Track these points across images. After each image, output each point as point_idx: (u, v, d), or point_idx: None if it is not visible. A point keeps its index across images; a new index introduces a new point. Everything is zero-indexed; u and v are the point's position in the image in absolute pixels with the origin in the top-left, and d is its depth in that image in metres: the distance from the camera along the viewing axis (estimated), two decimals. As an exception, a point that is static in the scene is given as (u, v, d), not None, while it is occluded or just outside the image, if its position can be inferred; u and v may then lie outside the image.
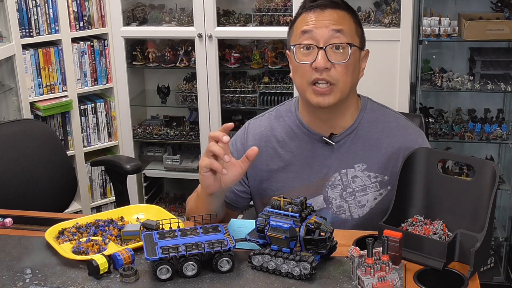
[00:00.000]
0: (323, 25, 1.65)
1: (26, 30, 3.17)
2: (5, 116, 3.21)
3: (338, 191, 1.75)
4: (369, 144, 1.75)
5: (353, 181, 1.74)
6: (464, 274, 1.41)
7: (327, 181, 1.76)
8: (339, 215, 1.76)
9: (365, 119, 1.77)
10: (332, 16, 1.67)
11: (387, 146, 1.74)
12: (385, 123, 1.77)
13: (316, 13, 1.67)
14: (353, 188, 1.74)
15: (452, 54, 3.37)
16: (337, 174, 1.75)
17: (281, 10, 3.31)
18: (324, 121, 1.75)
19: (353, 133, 1.75)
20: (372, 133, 1.75)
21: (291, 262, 1.42)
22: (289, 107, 1.84)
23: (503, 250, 3.28)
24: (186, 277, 1.44)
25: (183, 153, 3.74)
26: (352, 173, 1.74)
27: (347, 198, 1.75)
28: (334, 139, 1.74)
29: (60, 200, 2.58)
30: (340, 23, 1.66)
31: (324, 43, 1.64)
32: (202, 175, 1.61)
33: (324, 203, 1.76)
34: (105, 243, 1.59)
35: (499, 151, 3.40)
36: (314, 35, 1.65)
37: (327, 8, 1.67)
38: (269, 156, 1.81)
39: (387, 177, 1.73)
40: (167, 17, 3.50)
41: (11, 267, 1.52)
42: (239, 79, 3.56)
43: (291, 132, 1.80)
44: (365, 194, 1.74)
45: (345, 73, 1.65)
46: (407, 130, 1.77)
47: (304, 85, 1.68)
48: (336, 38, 1.65)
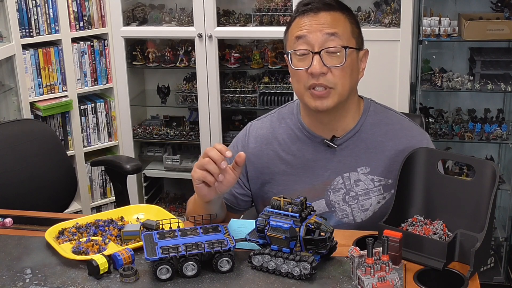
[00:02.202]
0: (317, 29, 1.63)
1: (26, 30, 3.18)
2: (5, 116, 3.21)
3: (340, 195, 1.73)
4: (372, 147, 1.73)
5: (356, 184, 1.72)
6: (464, 274, 1.41)
7: (329, 184, 1.74)
8: (341, 219, 1.74)
9: (368, 121, 1.75)
10: (326, 19, 1.64)
11: (390, 149, 1.72)
12: (388, 126, 1.75)
13: (309, 17, 1.65)
14: (356, 192, 1.73)
15: (452, 54, 3.37)
16: (340, 178, 1.73)
17: (281, 10, 3.31)
18: (325, 124, 1.73)
19: (355, 135, 1.73)
20: (376, 136, 1.73)
21: (291, 262, 1.42)
22: (291, 109, 1.82)
23: (503, 250, 3.28)
24: (186, 277, 1.44)
25: (183, 153, 3.74)
26: (355, 176, 1.73)
27: (350, 202, 1.73)
28: (336, 142, 1.73)
29: (60, 200, 2.58)
30: (334, 25, 1.64)
31: (319, 48, 1.62)
32: (196, 187, 1.60)
33: (327, 207, 1.75)
34: (105, 243, 1.59)
35: (499, 151, 3.40)
36: (309, 40, 1.63)
37: (320, 11, 1.65)
38: (270, 158, 1.79)
39: (390, 180, 1.71)
40: (167, 17, 3.50)
41: (11, 267, 1.53)
42: (239, 79, 3.56)
43: (293, 135, 1.78)
44: (368, 198, 1.72)
45: (343, 76, 1.63)
46: (411, 132, 1.75)
47: (302, 90, 1.67)
48: (331, 42, 1.62)
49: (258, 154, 1.79)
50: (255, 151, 1.79)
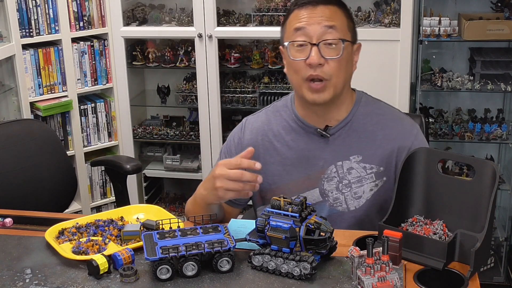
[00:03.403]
0: (316, 22, 1.68)
1: (26, 30, 3.17)
2: (5, 116, 3.21)
3: (334, 183, 1.76)
4: (364, 136, 1.77)
5: (348, 172, 1.76)
6: (464, 274, 1.41)
7: (323, 174, 1.77)
8: (335, 207, 1.77)
9: (360, 111, 1.79)
10: (324, 12, 1.69)
11: (382, 138, 1.76)
12: (379, 116, 1.79)
13: (308, 9, 1.70)
14: (349, 179, 1.76)
15: (452, 54, 3.37)
16: (333, 167, 1.77)
17: (281, 10, 3.31)
18: (319, 115, 1.77)
19: (347, 125, 1.77)
20: (367, 126, 1.78)
21: (291, 262, 1.42)
22: (285, 102, 1.87)
23: (503, 250, 3.28)
24: (186, 277, 1.44)
25: (183, 153, 3.74)
26: (348, 165, 1.76)
27: (343, 190, 1.76)
28: (329, 131, 1.76)
29: (60, 200, 2.58)
30: (332, 19, 1.69)
31: (317, 40, 1.67)
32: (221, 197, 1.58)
33: (321, 196, 1.78)
34: (105, 243, 1.59)
35: (499, 151, 3.40)
36: (307, 32, 1.68)
37: (319, 5, 1.70)
38: (265, 149, 1.83)
39: (382, 168, 1.75)
40: (167, 17, 3.50)
41: (11, 267, 1.53)
42: (239, 79, 3.56)
43: (287, 126, 1.82)
44: (361, 186, 1.76)
45: (339, 68, 1.68)
46: (401, 122, 1.80)
47: (299, 82, 1.71)
48: (329, 34, 1.67)
49: (254, 146, 1.80)
50: (251, 143, 1.82)
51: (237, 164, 1.55)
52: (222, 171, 1.55)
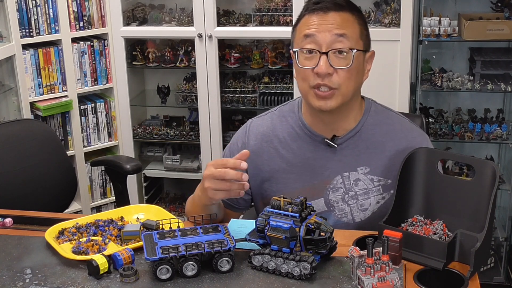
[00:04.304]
0: (326, 29, 1.62)
1: (26, 30, 3.17)
2: (5, 116, 3.21)
3: (339, 194, 1.73)
4: (372, 147, 1.72)
5: (355, 184, 1.72)
6: (464, 274, 1.41)
7: (329, 184, 1.74)
8: (340, 219, 1.74)
9: (369, 121, 1.74)
10: (335, 19, 1.63)
11: (390, 149, 1.72)
12: (389, 126, 1.75)
13: (319, 16, 1.64)
14: (356, 191, 1.72)
15: (452, 54, 3.37)
16: (339, 177, 1.73)
17: (281, 10, 3.31)
18: (327, 123, 1.73)
19: (356, 135, 1.73)
20: (376, 136, 1.73)
21: (291, 262, 1.42)
22: (292, 107, 1.82)
23: (503, 250, 3.28)
24: (186, 277, 1.44)
25: (183, 153, 3.74)
26: (355, 176, 1.72)
27: (349, 202, 1.73)
28: (336, 141, 1.72)
29: (60, 200, 2.58)
30: (344, 27, 1.63)
31: (327, 48, 1.61)
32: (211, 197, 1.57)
33: (326, 206, 1.74)
34: (105, 243, 1.59)
35: (499, 151, 3.40)
36: (317, 40, 1.62)
37: (330, 11, 1.64)
38: (270, 156, 1.79)
39: (390, 180, 1.71)
40: (167, 17, 3.50)
41: (11, 267, 1.53)
42: (239, 79, 3.56)
43: (293, 133, 1.78)
44: (367, 198, 1.72)
45: (348, 78, 1.63)
46: (411, 133, 1.75)
47: (306, 89, 1.66)
48: (339, 43, 1.62)
49: (258, 152, 1.79)
50: (255, 148, 1.78)
51: (223, 163, 1.52)
52: (209, 171, 1.53)
